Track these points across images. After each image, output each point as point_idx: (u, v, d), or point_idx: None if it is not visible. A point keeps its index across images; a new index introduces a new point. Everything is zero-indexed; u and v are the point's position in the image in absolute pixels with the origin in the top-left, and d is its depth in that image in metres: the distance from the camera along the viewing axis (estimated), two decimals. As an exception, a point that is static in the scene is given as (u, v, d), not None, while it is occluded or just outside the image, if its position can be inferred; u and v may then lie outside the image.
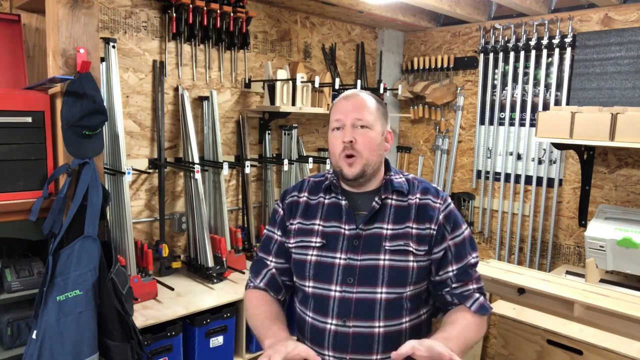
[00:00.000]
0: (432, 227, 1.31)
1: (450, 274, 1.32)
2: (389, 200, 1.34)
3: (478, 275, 1.37)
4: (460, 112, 3.59)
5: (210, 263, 2.55)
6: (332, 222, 1.34)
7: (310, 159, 3.05)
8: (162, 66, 2.60)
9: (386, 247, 1.28)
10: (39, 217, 1.67)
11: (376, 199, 1.32)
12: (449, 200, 1.38)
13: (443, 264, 1.32)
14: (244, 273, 2.64)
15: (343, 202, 1.35)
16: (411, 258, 1.28)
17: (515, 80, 3.28)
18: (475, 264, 1.36)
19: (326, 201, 1.38)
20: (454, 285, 1.32)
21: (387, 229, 1.30)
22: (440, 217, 1.32)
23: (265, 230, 1.48)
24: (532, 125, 3.19)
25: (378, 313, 1.27)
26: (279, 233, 1.43)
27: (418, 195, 1.35)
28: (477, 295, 1.33)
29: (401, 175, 1.40)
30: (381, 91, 3.49)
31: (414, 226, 1.31)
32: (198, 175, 2.50)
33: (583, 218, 2.97)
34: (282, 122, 3.18)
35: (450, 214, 1.35)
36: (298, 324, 1.48)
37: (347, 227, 1.32)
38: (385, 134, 1.36)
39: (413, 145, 3.95)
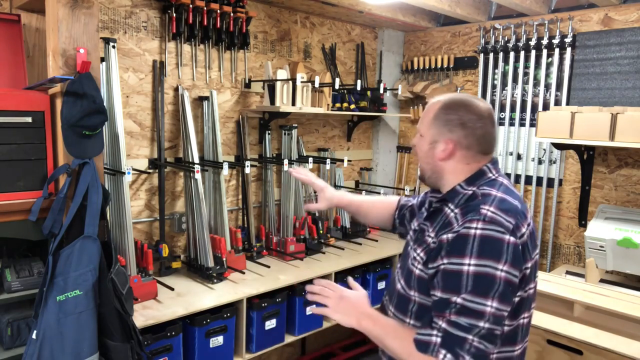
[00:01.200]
0: (436, 240, 1.22)
1: (434, 297, 1.19)
2: (445, 208, 1.29)
3: (461, 324, 1.11)
4: (460, 112, 3.58)
5: (210, 263, 2.55)
6: (421, 218, 1.45)
7: (310, 159, 3.05)
8: (162, 66, 2.60)
9: (409, 248, 1.37)
10: (39, 217, 1.67)
11: (435, 203, 1.35)
12: (474, 225, 1.15)
13: (432, 284, 1.20)
14: (244, 273, 2.64)
15: (430, 200, 1.44)
16: (415, 264, 1.29)
17: (515, 80, 3.28)
18: (463, 309, 1.11)
19: (429, 199, 1.48)
20: (433, 312, 1.18)
21: (426, 233, 1.33)
22: (446, 236, 1.19)
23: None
24: (532, 125, 3.19)
25: (394, 301, 1.37)
26: (420, 200, 1.60)
27: (457, 210, 1.25)
28: (434, 332, 1.14)
29: (474, 188, 1.26)
30: (381, 91, 3.49)
31: (432, 235, 1.27)
32: (198, 175, 2.50)
33: (583, 218, 2.97)
34: (282, 122, 3.19)
35: (458, 237, 1.16)
36: None
37: (418, 222, 1.42)
38: (437, 143, 1.29)
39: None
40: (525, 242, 1.18)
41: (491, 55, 3.35)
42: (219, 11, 2.66)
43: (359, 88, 3.21)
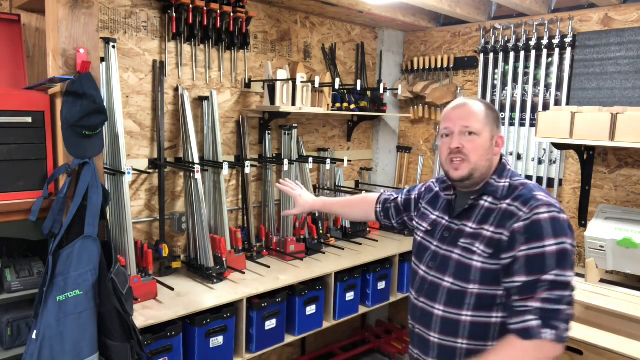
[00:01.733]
0: (505, 233, 1.32)
1: (515, 284, 1.29)
2: (482, 202, 1.42)
3: (553, 297, 1.24)
4: (460, 112, 3.58)
5: (210, 263, 2.55)
6: (442, 214, 1.53)
7: (310, 159, 3.05)
8: (162, 66, 2.60)
9: (460, 243, 1.41)
10: (39, 217, 1.67)
11: (471, 198, 1.43)
12: (541, 210, 1.30)
13: (510, 272, 1.30)
14: (244, 273, 2.64)
15: (450, 198, 1.52)
16: (475, 258, 1.36)
17: (515, 80, 3.28)
18: (555, 283, 1.25)
19: (445, 196, 1.56)
20: (514, 297, 1.29)
21: (469, 227, 1.41)
22: (517, 225, 1.31)
23: (416, 186, 1.77)
24: (532, 125, 3.19)
25: (440, 297, 1.42)
26: (415, 195, 1.73)
27: (508, 201, 1.37)
28: (531, 316, 1.24)
29: (507, 180, 1.42)
30: (381, 91, 3.49)
31: (490, 229, 1.36)
32: (198, 175, 2.50)
33: (583, 218, 2.97)
34: (282, 122, 3.19)
35: (532, 224, 1.29)
36: None
37: (446, 220, 1.49)
38: (495, 138, 1.43)
39: (413, 145, 3.95)
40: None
41: (491, 55, 3.35)
42: (219, 11, 2.66)
43: (359, 88, 3.21)
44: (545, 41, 3.07)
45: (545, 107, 3.13)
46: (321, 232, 3.24)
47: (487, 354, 1.32)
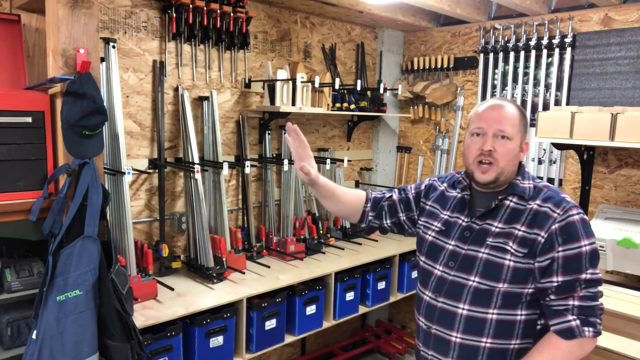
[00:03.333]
0: (542, 234, 1.34)
1: (553, 284, 1.33)
2: (507, 202, 1.43)
3: (589, 294, 1.31)
4: (460, 112, 3.59)
5: (210, 263, 2.55)
6: (456, 213, 1.51)
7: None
8: (162, 66, 2.60)
9: (488, 242, 1.41)
10: (39, 217, 1.67)
11: (498, 198, 1.43)
12: (573, 212, 1.35)
13: (547, 273, 1.33)
14: (244, 273, 2.64)
15: (467, 197, 1.51)
16: (508, 257, 1.37)
17: (515, 80, 3.28)
18: (591, 281, 1.31)
19: (458, 195, 1.54)
20: (552, 297, 1.33)
21: (496, 227, 1.41)
22: (554, 226, 1.34)
23: (408, 185, 1.75)
24: (532, 125, 3.19)
25: (465, 297, 1.41)
26: (412, 194, 1.69)
27: (538, 202, 1.39)
28: (570, 316, 1.30)
29: (530, 181, 1.44)
30: (381, 91, 3.49)
31: (522, 229, 1.37)
32: (198, 175, 2.50)
33: (583, 218, 2.97)
34: (282, 122, 3.18)
35: (568, 225, 1.33)
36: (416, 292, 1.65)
37: (465, 219, 1.48)
38: (522, 144, 1.44)
39: (413, 145, 3.95)
40: None
41: (491, 55, 3.35)
42: (219, 11, 2.66)
43: (359, 88, 3.21)
44: (545, 41, 3.07)
45: (545, 107, 3.13)
46: (321, 232, 3.24)
47: (530, 355, 1.35)
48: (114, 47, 2.28)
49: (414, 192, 1.70)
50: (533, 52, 3.15)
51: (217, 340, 2.31)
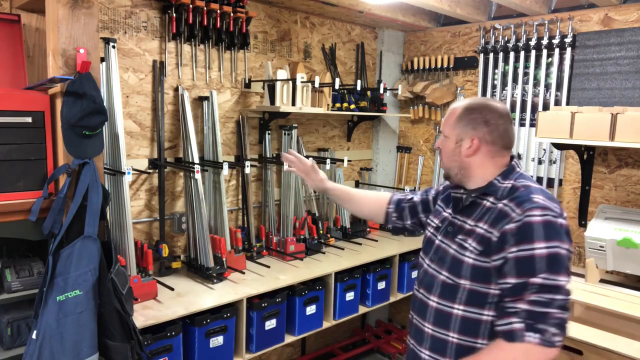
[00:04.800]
0: (496, 233, 1.34)
1: (506, 285, 1.30)
2: (484, 201, 1.44)
3: (541, 300, 1.24)
4: (460, 112, 3.58)
5: (210, 263, 2.55)
6: (450, 210, 1.56)
7: (310, 159, 3.04)
8: (162, 66, 2.60)
9: (457, 238, 1.44)
10: (39, 217, 1.67)
11: (472, 195, 1.47)
12: (535, 212, 1.29)
13: (502, 273, 1.32)
14: (244, 273, 2.64)
15: (457, 196, 1.55)
16: (467, 254, 1.39)
17: (515, 80, 3.28)
18: (545, 287, 1.25)
19: (454, 195, 1.58)
20: (505, 299, 1.31)
21: (468, 224, 1.44)
22: (509, 226, 1.31)
23: (429, 187, 1.82)
24: (532, 125, 3.19)
25: (435, 289, 1.46)
26: (432, 195, 1.75)
27: (505, 201, 1.38)
28: (515, 319, 1.26)
29: (511, 182, 1.42)
30: (381, 91, 3.49)
31: (484, 227, 1.38)
32: (198, 175, 2.50)
33: (583, 218, 2.97)
34: (282, 122, 3.19)
35: (523, 226, 1.29)
36: None
37: (451, 215, 1.53)
38: (462, 141, 1.44)
39: (413, 145, 3.95)
40: (568, 224, 1.35)
41: (491, 55, 3.35)
42: (219, 11, 2.66)
43: (359, 88, 3.21)
44: (545, 41, 3.07)
45: (545, 107, 3.13)
46: (321, 232, 3.24)
47: (477, 354, 1.35)
48: (114, 47, 2.28)
49: (434, 193, 1.75)
50: (533, 52, 3.15)
51: (217, 340, 2.31)
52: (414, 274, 3.27)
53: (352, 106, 3.40)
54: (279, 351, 3.38)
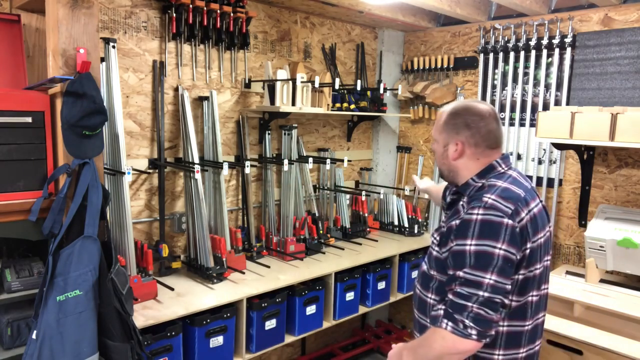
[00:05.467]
0: (446, 227, 1.46)
1: (448, 274, 1.41)
2: (460, 200, 1.52)
3: (462, 292, 1.32)
4: (460, 112, 3.58)
5: (210, 263, 2.55)
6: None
7: (310, 159, 3.05)
8: (162, 66, 2.60)
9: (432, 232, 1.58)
10: (39, 217, 1.67)
11: (449, 194, 1.62)
12: (477, 211, 1.35)
13: (447, 264, 1.43)
14: (243, 273, 2.64)
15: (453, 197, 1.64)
16: (433, 246, 1.53)
17: (515, 80, 3.28)
18: (466, 281, 1.32)
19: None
20: (446, 287, 1.42)
21: (443, 220, 1.57)
22: (455, 222, 1.41)
23: None
24: (532, 125, 3.19)
25: (419, 280, 1.60)
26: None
27: (466, 199, 1.48)
28: (442, 306, 1.42)
29: (482, 181, 1.47)
30: (381, 91, 3.49)
31: (446, 221, 1.50)
32: (198, 175, 2.50)
33: (583, 218, 2.97)
34: (282, 122, 3.19)
35: (463, 222, 1.38)
36: None
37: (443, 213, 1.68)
38: (448, 145, 1.51)
39: (413, 145, 3.95)
40: (524, 225, 1.36)
41: (491, 56, 3.35)
42: (219, 11, 2.66)
43: (359, 88, 3.21)
44: (545, 41, 3.07)
45: (545, 107, 3.13)
46: (321, 232, 3.24)
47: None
48: (114, 47, 2.28)
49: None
50: (533, 52, 3.15)
51: (217, 340, 2.31)
52: (414, 274, 3.27)
53: (352, 106, 3.40)
54: (279, 351, 3.38)
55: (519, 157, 3.29)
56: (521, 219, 1.36)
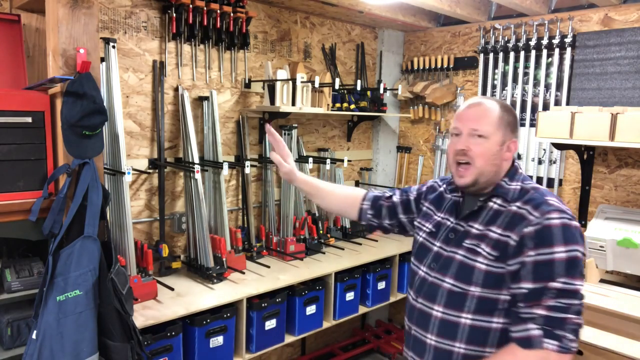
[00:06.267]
0: (513, 237, 1.27)
1: (521, 290, 1.25)
2: (491, 204, 1.37)
3: (559, 305, 1.20)
4: (460, 112, 3.58)
5: (210, 263, 2.55)
6: (447, 215, 1.48)
7: (310, 159, 3.05)
8: (162, 66, 2.60)
9: (464, 244, 1.36)
10: (39, 217, 1.67)
11: (480, 199, 1.39)
12: (553, 215, 1.25)
13: (517, 278, 1.26)
14: (243, 273, 2.64)
15: (458, 199, 1.47)
16: (480, 259, 1.31)
17: (515, 80, 3.28)
18: (563, 292, 1.20)
19: (453, 197, 1.50)
20: (520, 304, 1.25)
21: (476, 229, 1.36)
22: (527, 229, 1.26)
23: (412, 186, 1.72)
24: (532, 125, 3.19)
25: (439, 299, 1.38)
26: (413, 196, 1.67)
27: (519, 204, 1.32)
28: (532, 325, 1.21)
29: (519, 183, 1.37)
30: (381, 91, 3.49)
31: (497, 231, 1.31)
32: (198, 175, 2.50)
33: (583, 218, 2.97)
34: (282, 122, 3.18)
35: (543, 229, 1.24)
36: None
37: (453, 221, 1.44)
38: (507, 143, 1.36)
39: (413, 145, 3.95)
40: None
41: (491, 55, 3.35)
42: (218, 11, 2.66)
43: (359, 88, 3.21)
44: (545, 41, 3.07)
45: (545, 107, 3.13)
46: (321, 232, 3.24)
47: None
48: (114, 47, 2.28)
49: (416, 193, 1.67)
50: (533, 52, 3.15)
51: (217, 340, 2.31)
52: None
53: (352, 106, 3.40)
54: (279, 351, 3.38)
55: (519, 157, 3.29)
56: (576, 220, 1.30)
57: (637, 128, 2.31)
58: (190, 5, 2.54)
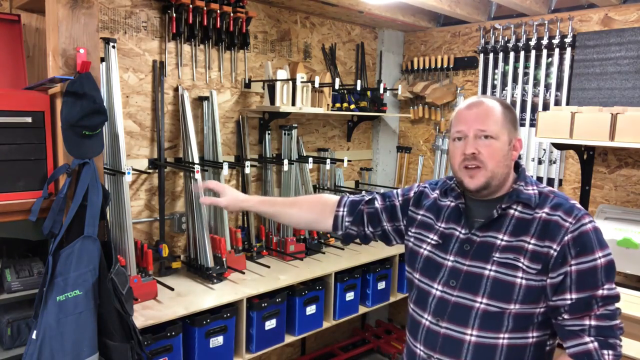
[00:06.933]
0: (554, 247, 1.19)
1: (566, 302, 1.18)
2: (511, 211, 1.27)
3: (607, 313, 1.17)
4: (460, 112, 3.58)
5: (210, 263, 2.55)
6: (451, 224, 1.35)
7: (310, 159, 3.05)
8: (162, 66, 2.60)
9: (495, 258, 1.24)
10: (39, 217, 1.67)
11: (498, 207, 1.27)
12: (586, 220, 1.20)
13: (560, 290, 1.19)
14: (244, 273, 2.64)
15: (462, 206, 1.35)
16: (520, 274, 1.21)
17: (515, 80, 3.28)
18: (608, 298, 1.17)
19: (451, 204, 1.38)
20: (565, 316, 1.19)
21: (501, 240, 1.25)
22: (567, 237, 1.18)
23: (393, 190, 1.57)
24: (532, 125, 3.19)
25: (473, 321, 1.25)
26: (399, 202, 1.52)
27: (547, 210, 1.23)
28: (587, 338, 1.16)
29: (534, 187, 1.29)
30: (381, 91, 3.49)
31: (532, 241, 1.22)
32: (198, 176, 2.50)
33: (583, 218, 2.97)
34: (282, 122, 3.18)
35: (581, 236, 1.18)
36: (408, 312, 1.46)
37: (462, 231, 1.32)
38: (513, 142, 1.29)
39: (413, 145, 3.95)
40: None
41: (491, 56, 3.35)
42: (218, 11, 2.65)
43: (359, 88, 3.21)
44: (545, 41, 3.07)
45: (545, 107, 3.13)
46: (321, 232, 3.24)
47: None
48: (114, 47, 2.28)
49: (401, 199, 1.52)
50: (533, 52, 3.15)
51: (217, 341, 2.31)
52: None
53: (352, 106, 3.40)
54: (279, 351, 3.38)
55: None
56: None
57: (637, 128, 2.31)
58: (190, 5, 2.54)
